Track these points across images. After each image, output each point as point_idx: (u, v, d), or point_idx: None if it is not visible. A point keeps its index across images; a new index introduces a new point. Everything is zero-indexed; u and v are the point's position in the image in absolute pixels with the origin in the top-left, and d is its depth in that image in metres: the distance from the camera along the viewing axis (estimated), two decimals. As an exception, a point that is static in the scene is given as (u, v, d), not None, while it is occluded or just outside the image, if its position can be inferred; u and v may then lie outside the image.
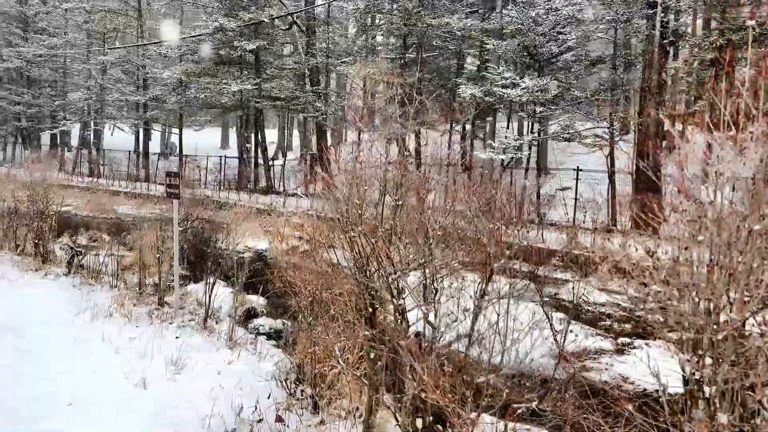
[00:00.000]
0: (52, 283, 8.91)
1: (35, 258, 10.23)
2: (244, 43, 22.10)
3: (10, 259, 10.39)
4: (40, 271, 9.56)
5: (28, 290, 8.34)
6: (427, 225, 4.10)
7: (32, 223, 10.27)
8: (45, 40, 33.39)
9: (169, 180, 7.37)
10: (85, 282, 8.88)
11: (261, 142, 25.47)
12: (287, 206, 21.68)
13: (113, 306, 7.64)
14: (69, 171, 33.66)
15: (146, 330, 6.80)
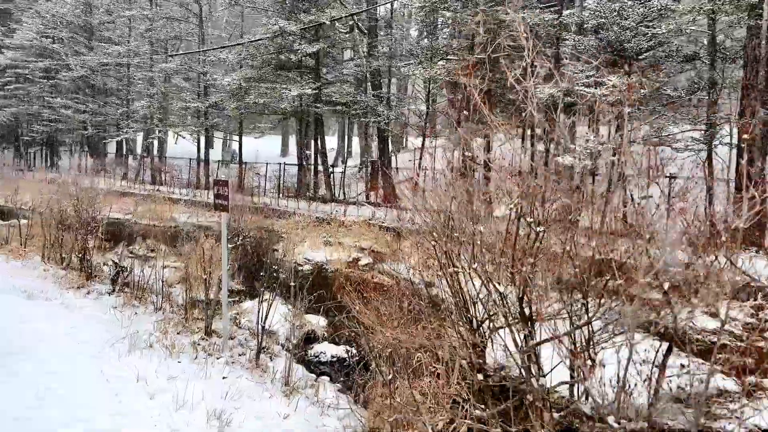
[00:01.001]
0: (93, 303, 8.05)
1: (80, 273, 9.44)
2: (304, 46, 21.26)
3: (53, 274, 9.65)
4: (83, 288, 8.75)
5: (65, 312, 7.49)
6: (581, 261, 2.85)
7: (77, 235, 9.49)
8: (109, 48, 33.66)
9: (217, 189, 6.35)
10: (129, 303, 7.98)
11: (321, 148, 24.60)
12: (348, 215, 20.68)
13: (155, 334, 6.67)
14: (132, 179, 33.77)
15: (189, 367, 5.77)
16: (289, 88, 20.86)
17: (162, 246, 17.05)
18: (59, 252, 10.40)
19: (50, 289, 8.66)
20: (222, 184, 6.24)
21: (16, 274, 9.54)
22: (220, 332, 6.84)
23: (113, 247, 15.83)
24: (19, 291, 8.47)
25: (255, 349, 6.42)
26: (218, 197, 6.33)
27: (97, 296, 8.44)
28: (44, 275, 9.61)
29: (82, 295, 8.47)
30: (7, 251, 11.46)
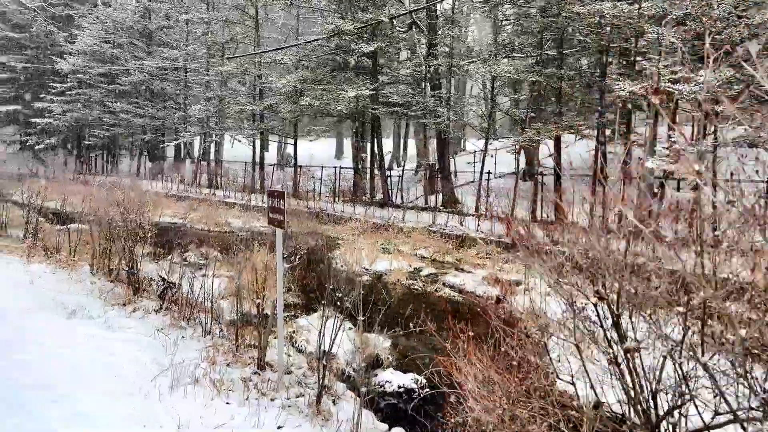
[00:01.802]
0: (138, 323, 7.35)
1: (127, 287, 8.80)
2: (362, 46, 20.49)
3: (100, 287, 9.04)
4: (129, 305, 8.08)
5: (106, 334, 6.79)
6: None
7: (125, 244, 8.85)
8: (166, 52, 33.77)
9: (272, 202, 5.52)
10: (175, 323, 7.25)
11: (378, 151, 23.76)
12: (407, 221, 19.76)
13: (202, 365, 5.88)
14: (188, 182, 33.76)
15: (238, 411, 4.94)
16: (346, 90, 20.10)
17: (215, 253, 16.50)
18: (107, 263, 9.81)
19: (94, 305, 8.02)
20: (277, 196, 5.40)
21: (60, 287, 8.97)
22: (274, 365, 6.00)
23: (167, 254, 15.38)
24: (60, 307, 7.87)
25: (315, 388, 5.54)
26: (273, 210, 5.50)
27: (143, 314, 7.74)
28: (90, 288, 9.01)
29: (128, 313, 7.79)
30: (55, 261, 10.98)
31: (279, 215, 5.33)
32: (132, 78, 35.49)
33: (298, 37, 28.49)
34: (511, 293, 12.71)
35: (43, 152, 45.95)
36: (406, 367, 8.32)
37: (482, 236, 17.15)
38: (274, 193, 5.47)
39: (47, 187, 28.69)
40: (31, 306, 7.83)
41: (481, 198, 19.64)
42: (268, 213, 5.63)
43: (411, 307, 10.99)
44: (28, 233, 12.95)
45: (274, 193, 5.49)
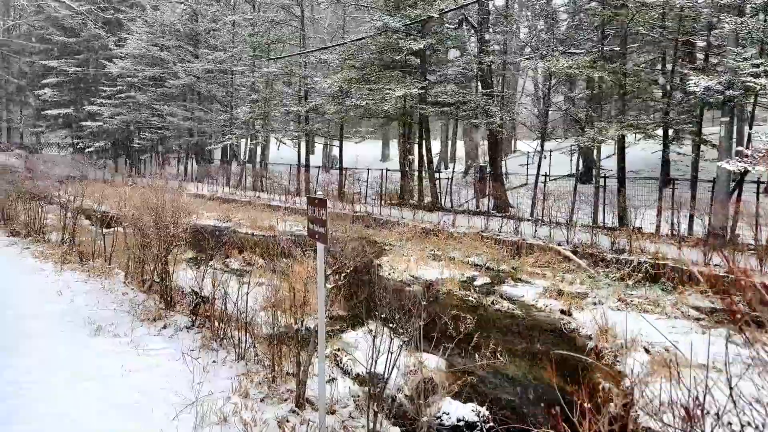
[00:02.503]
0: (167, 343, 6.62)
1: (160, 299, 8.11)
2: (410, 42, 19.58)
3: (131, 299, 8.39)
4: (159, 321, 7.37)
5: (131, 357, 6.08)
6: None
7: (158, 253, 8.18)
8: (212, 54, 33.61)
9: (313, 211, 4.68)
10: (207, 345, 6.49)
11: (427, 152, 22.83)
12: (457, 226, 18.77)
13: (233, 398, 5.08)
14: (234, 185, 33.51)
15: (271, 465, 4.10)
16: (394, 89, 19.23)
17: (257, 259, 15.87)
18: (141, 272, 9.17)
19: (122, 320, 7.34)
20: (318, 204, 4.55)
21: (90, 299, 8.35)
22: (315, 402, 5.15)
23: (209, 259, 14.79)
24: (87, 322, 7.22)
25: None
26: (313, 221, 4.66)
27: (174, 332, 7.02)
28: (122, 300, 8.36)
29: (157, 330, 7.08)
30: (90, 268, 10.43)
31: (320, 227, 4.48)
32: (179, 81, 35.47)
33: (345, 36, 27.81)
34: (577, 307, 11.64)
35: (93, 155, 46.61)
36: (464, 393, 7.38)
37: (540, 243, 16.04)
38: (315, 200, 4.61)
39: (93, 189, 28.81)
40: (54, 323, 7.21)
41: (537, 202, 18.46)
42: (307, 223, 4.79)
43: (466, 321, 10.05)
44: (65, 238, 12.50)
45: (314, 201, 4.64)
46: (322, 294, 4.68)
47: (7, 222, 14.69)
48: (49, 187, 16.19)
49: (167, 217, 8.18)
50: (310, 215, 4.67)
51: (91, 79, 45.33)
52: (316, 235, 4.55)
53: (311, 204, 4.66)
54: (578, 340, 10.01)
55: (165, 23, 36.62)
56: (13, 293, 8.56)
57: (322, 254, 4.55)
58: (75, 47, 45.37)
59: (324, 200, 4.39)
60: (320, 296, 4.70)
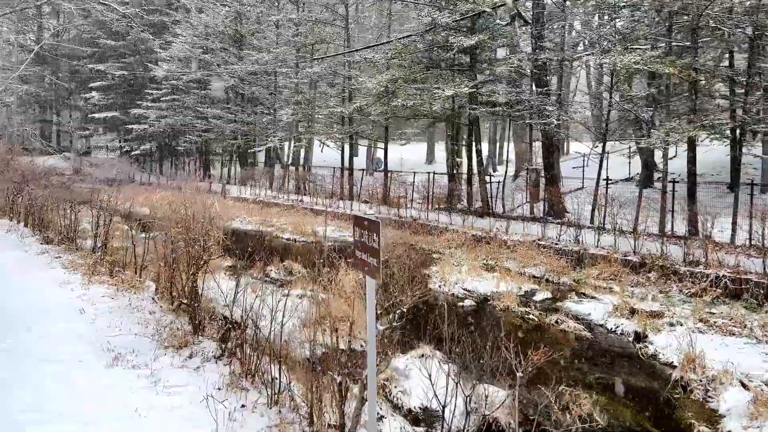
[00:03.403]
0: (190, 377, 5.73)
1: (188, 321, 7.26)
2: (461, 39, 18.47)
3: (158, 319, 7.58)
4: (185, 348, 6.51)
5: (147, 395, 5.23)
6: None
7: (187, 270, 7.33)
8: (255, 55, 33.13)
9: (361, 235, 3.68)
10: (236, 383, 5.56)
11: (477, 154, 21.69)
12: (511, 233, 17.57)
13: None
14: (277, 188, 32.95)
15: None
16: (443, 88, 18.18)
17: (299, 267, 15.03)
18: (170, 289, 8.37)
19: (144, 347, 6.50)
20: (369, 228, 3.55)
21: (113, 318, 7.57)
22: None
23: (249, 267, 14.00)
24: (105, 349, 6.42)
25: None
26: (361, 248, 3.65)
27: (200, 363, 6.14)
28: (147, 320, 7.55)
29: (182, 360, 6.21)
30: (119, 281, 9.70)
31: (370, 257, 3.48)
32: (223, 83, 35.14)
33: (390, 35, 26.88)
34: (653, 329, 10.37)
35: (139, 158, 46.87)
36: None
37: (604, 253, 14.74)
38: (364, 222, 3.60)
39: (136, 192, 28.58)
40: (69, 348, 6.42)
41: (599, 208, 17.13)
42: (354, 250, 3.80)
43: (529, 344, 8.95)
44: (96, 246, 11.86)
45: (363, 223, 3.63)
46: (373, 343, 3.68)
47: (41, 228, 14.20)
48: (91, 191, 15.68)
49: (197, 229, 7.33)
50: (357, 239, 3.68)
51: (137, 83, 45.59)
52: (364, 267, 3.56)
53: (359, 226, 3.67)
54: (659, 369, 8.77)
55: (209, 25, 36.35)
56: (34, 311, 7.85)
57: (372, 292, 3.55)
58: (121, 51, 45.72)
59: (376, 223, 3.39)
60: (370, 347, 3.70)
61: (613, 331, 10.39)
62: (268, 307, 6.47)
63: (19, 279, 9.66)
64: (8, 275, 9.83)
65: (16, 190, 16.03)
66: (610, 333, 10.36)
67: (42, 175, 17.26)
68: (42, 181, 15.52)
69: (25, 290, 8.89)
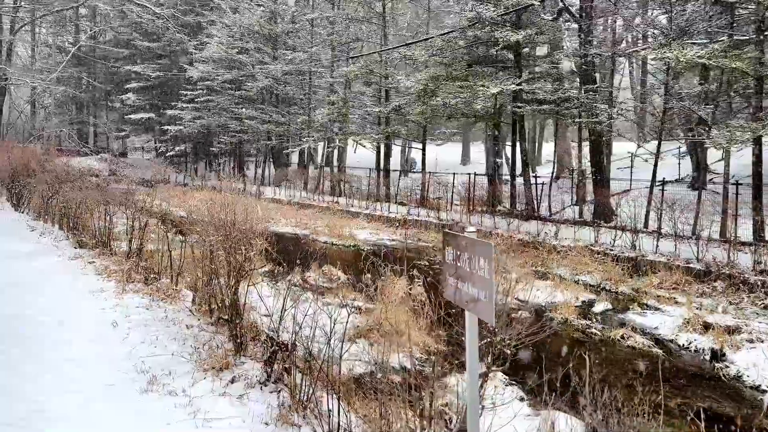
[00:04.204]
0: (232, 409, 5.07)
1: (229, 338, 6.63)
2: (507, 34, 17.62)
3: (195, 335, 6.96)
4: (227, 371, 5.86)
5: (185, 429, 4.56)
6: None
7: (227, 282, 6.71)
8: (290, 54, 32.66)
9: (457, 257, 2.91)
10: (286, 417, 4.89)
11: (521, 154, 20.79)
12: (561, 238, 16.67)
13: None
14: (312, 190, 32.43)
15: None
16: (487, 85, 17.34)
17: (338, 273, 14.37)
18: (209, 300, 7.76)
19: (183, 368, 5.88)
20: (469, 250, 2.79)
21: (148, 333, 6.98)
22: None
23: (287, 272, 13.41)
24: (139, 370, 5.81)
25: None
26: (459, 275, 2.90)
27: (244, 389, 5.47)
28: (185, 336, 6.94)
29: (224, 385, 5.55)
30: (155, 289, 9.14)
31: (477, 288, 2.73)
32: (257, 83, 34.77)
33: (429, 31, 26.11)
34: (731, 346, 9.43)
35: (174, 159, 46.90)
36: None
37: (664, 260, 13.78)
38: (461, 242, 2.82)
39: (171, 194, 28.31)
40: (99, 370, 5.83)
41: (658, 211, 16.12)
42: (445, 275, 3.07)
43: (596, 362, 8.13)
44: (132, 251, 11.35)
45: (460, 243, 2.86)
46: (475, 396, 2.94)
47: (75, 231, 13.79)
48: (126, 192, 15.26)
49: (239, 237, 6.69)
50: (449, 261, 2.95)
51: (172, 84, 45.62)
52: (465, 302, 2.82)
53: (453, 245, 2.92)
54: (747, 394, 7.87)
55: (244, 25, 36.04)
56: (65, 325, 7.31)
57: (474, 331, 2.81)
58: (157, 52, 45.78)
59: (485, 245, 2.63)
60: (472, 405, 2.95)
61: (686, 347, 9.48)
62: (317, 324, 5.81)
63: (50, 288, 9.17)
64: (39, 284, 9.35)
65: (51, 191, 15.69)
66: (682, 350, 9.45)
67: (77, 176, 16.88)
68: (77, 183, 15.10)
69: (55, 301, 8.37)
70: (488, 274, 2.65)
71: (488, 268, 2.65)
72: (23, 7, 41.53)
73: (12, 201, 20.07)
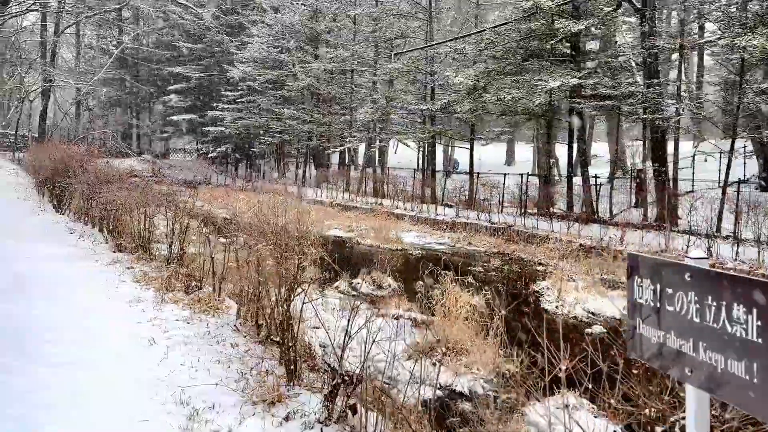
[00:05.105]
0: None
1: (279, 361, 5.76)
2: (568, 24, 16.44)
3: (241, 357, 6.10)
4: (280, 405, 4.96)
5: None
6: None
7: (278, 298, 5.83)
8: (332, 52, 31.91)
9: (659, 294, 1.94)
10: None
11: (580, 153, 19.55)
12: (629, 242, 15.45)
13: None
14: (353, 191, 31.64)
15: None
16: (546, 80, 16.19)
17: (388, 280, 13.41)
18: (255, 314, 6.91)
19: (227, 399, 5.01)
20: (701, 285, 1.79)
21: (190, 353, 6.16)
22: None
23: (333, 279, 12.57)
24: (178, 401, 4.96)
25: None
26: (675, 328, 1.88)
27: (301, 430, 4.58)
28: (230, 357, 6.09)
29: (275, 424, 4.66)
30: (196, 300, 8.35)
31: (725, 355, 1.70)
32: (298, 83, 34.15)
33: (478, 25, 25.03)
34: None
35: (215, 160, 46.72)
36: None
37: (746, 268, 12.49)
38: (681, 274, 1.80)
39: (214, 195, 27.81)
40: (136, 399, 5.00)
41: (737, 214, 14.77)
42: (635, 322, 2.06)
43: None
44: (172, 256, 10.62)
45: (679, 275, 1.83)
46: None
47: (115, 234, 13.18)
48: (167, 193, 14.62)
49: (291, 245, 5.80)
50: (641, 301, 1.89)
51: (213, 85, 45.47)
52: (687, 373, 1.79)
53: (652, 275, 1.89)
54: None
55: (285, 23, 35.48)
56: (98, 341, 6.54)
57: (704, 418, 1.81)
58: (199, 53, 45.69)
59: (750, 285, 1.66)
60: None
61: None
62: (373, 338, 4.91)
63: (83, 297, 8.45)
64: (74, 293, 8.64)
65: (91, 192, 15.15)
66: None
67: (117, 177, 16.34)
68: (116, 184, 14.52)
69: (87, 313, 7.62)
70: (757, 334, 1.66)
71: (758, 323, 1.65)
72: (66, 10, 41.81)
73: (53, 202, 19.72)
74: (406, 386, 5.38)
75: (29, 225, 16.46)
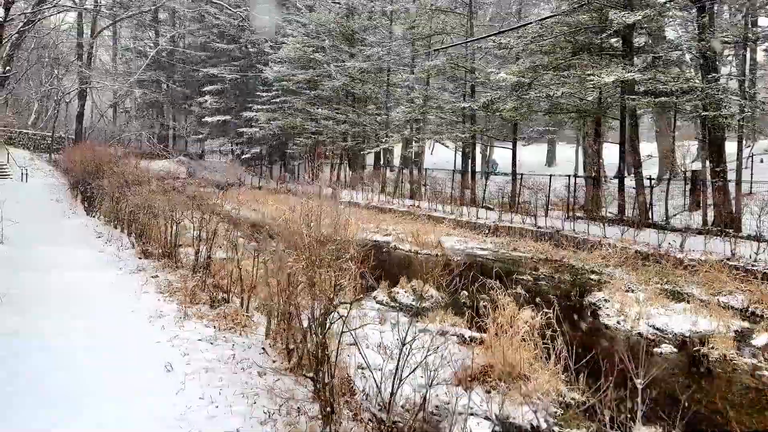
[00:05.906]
0: None
1: (314, 396, 4.88)
2: (624, 15, 15.26)
3: (270, 388, 5.27)
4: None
5: None
6: None
7: (311, 324, 4.97)
8: (368, 50, 31.09)
9: None
10: None
11: (634, 153, 18.31)
12: (689, 250, 14.20)
13: None
14: (389, 192, 30.75)
15: None
16: (599, 74, 15.06)
17: (430, 290, 12.42)
18: (286, 335, 6.06)
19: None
20: None
21: (212, 383, 5.35)
22: None
23: (371, 288, 11.66)
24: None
25: None
26: None
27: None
28: (256, 389, 5.25)
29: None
30: (222, 315, 7.56)
31: None
32: (333, 82, 33.43)
33: (521, 20, 23.92)
34: None
35: (250, 161, 46.41)
36: None
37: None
38: None
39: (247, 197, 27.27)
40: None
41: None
42: None
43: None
44: (198, 263, 9.87)
45: None
46: None
47: (141, 239, 12.54)
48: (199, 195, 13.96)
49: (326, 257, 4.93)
50: None
51: (248, 86, 45.15)
52: None
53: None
54: None
55: (321, 22, 34.82)
56: (109, 366, 5.76)
57: None
58: (234, 54, 45.43)
59: None
60: None
61: None
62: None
63: (102, 310, 7.73)
64: (92, 307, 7.93)
65: (120, 195, 14.58)
66: None
67: (148, 179, 15.79)
68: (144, 186, 13.92)
69: (102, 331, 6.88)
70: None
71: None
72: (102, 12, 41.93)
73: (84, 204, 19.33)
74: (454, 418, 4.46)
75: (58, 228, 16.02)
